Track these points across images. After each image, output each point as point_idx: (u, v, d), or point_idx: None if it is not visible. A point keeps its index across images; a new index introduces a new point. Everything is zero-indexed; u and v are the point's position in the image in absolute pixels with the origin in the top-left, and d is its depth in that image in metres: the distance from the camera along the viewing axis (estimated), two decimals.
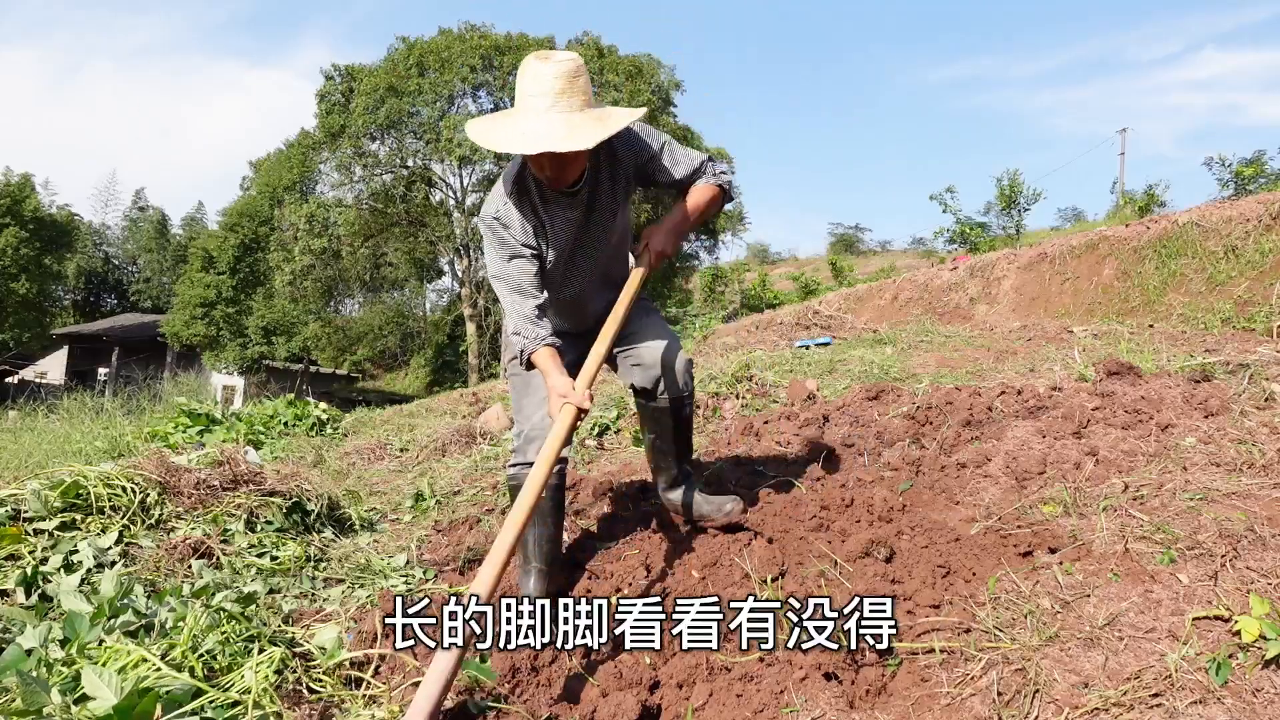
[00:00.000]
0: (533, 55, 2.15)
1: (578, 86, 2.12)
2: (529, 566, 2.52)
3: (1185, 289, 7.05)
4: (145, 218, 51.77)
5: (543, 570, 2.51)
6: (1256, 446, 2.29)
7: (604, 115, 2.16)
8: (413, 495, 4.05)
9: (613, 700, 1.87)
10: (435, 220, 24.81)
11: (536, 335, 2.28)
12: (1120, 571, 1.85)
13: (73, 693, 1.61)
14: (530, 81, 2.11)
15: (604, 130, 2.09)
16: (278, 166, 29.33)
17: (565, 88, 2.09)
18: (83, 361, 33.23)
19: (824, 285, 28.66)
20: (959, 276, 10.55)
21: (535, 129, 2.08)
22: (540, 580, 2.50)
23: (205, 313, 30.63)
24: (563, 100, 2.09)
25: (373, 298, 31.65)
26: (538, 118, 2.09)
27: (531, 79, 2.11)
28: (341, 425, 7.87)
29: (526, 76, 2.13)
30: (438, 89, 22.72)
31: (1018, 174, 19.94)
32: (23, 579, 2.38)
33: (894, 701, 1.72)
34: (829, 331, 8.68)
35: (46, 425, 7.76)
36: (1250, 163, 16.61)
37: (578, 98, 2.12)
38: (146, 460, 3.32)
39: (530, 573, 2.51)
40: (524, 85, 2.13)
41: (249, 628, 2.03)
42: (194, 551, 2.79)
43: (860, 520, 2.46)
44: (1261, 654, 1.52)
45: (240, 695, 1.74)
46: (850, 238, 53.96)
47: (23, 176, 30.35)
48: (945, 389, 3.74)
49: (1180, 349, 4.54)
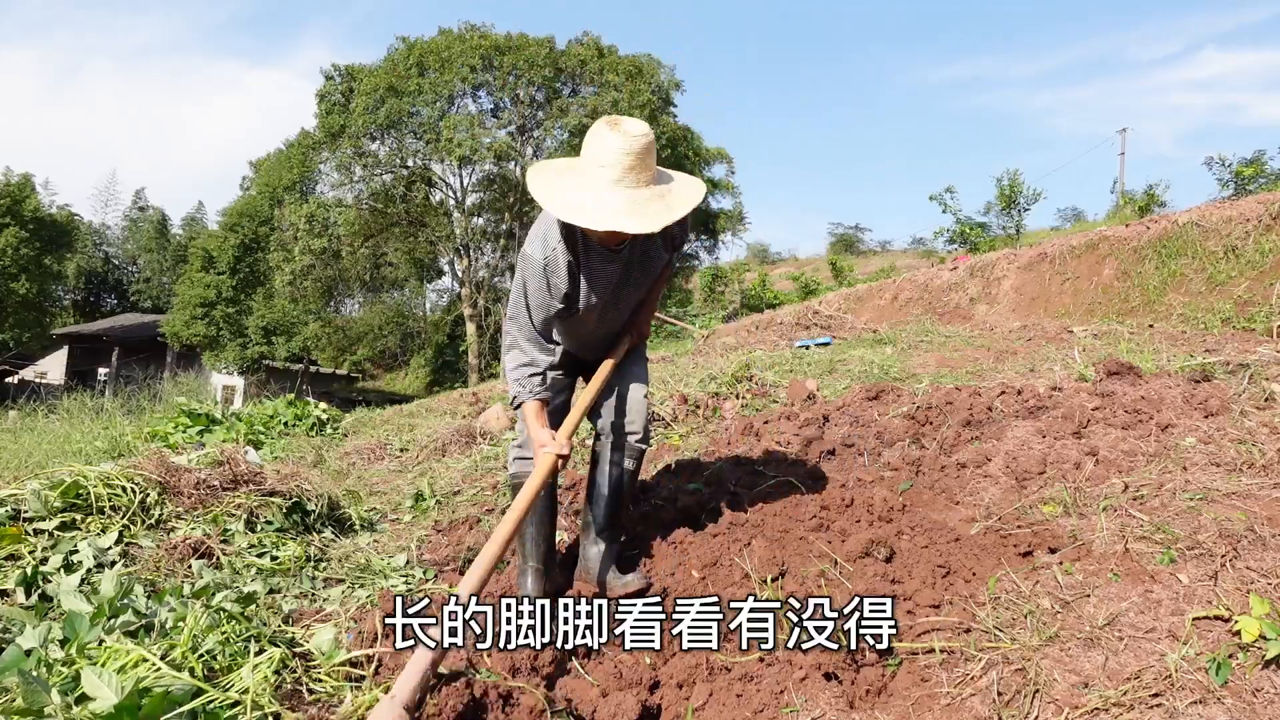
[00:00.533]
0: (604, 122, 2.14)
1: (647, 163, 2.12)
2: (526, 566, 2.53)
3: (1185, 289, 7.05)
4: (145, 218, 51.74)
5: (539, 570, 2.52)
6: (1256, 446, 2.29)
7: (667, 194, 2.16)
8: (413, 495, 4.05)
9: (613, 700, 1.87)
10: (435, 220, 24.81)
11: (530, 389, 2.36)
12: (1120, 571, 1.85)
13: (72, 693, 1.61)
14: (600, 150, 2.10)
15: (670, 216, 2.11)
16: (278, 166, 29.34)
17: (635, 164, 2.09)
18: (83, 361, 33.22)
19: (824, 285, 28.64)
20: (959, 276, 10.55)
21: (602, 203, 2.08)
22: (538, 580, 2.51)
23: (205, 313, 30.63)
24: (630, 176, 2.09)
25: (373, 298, 31.65)
26: (606, 191, 2.09)
27: (600, 147, 2.10)
28: (341, 425, 7.87)
29: (595, 144, 2.12)
30: (438, 89, 22.73)
31: (1018, 174, 19.93)
32: (23, 579, 2.38)
33: (894, 701, 1.72)
34: (829, 331, 8.68)
35: (46, 425, 7.76)
36: (1250, 163, 16.61)
37: (645, 174, 2.12)
38: (146, 460, 3.32)
39: (527, 572, 2.53)
40: (593, 153, 2.12)
41: (249, 628, 2.03)
42: (194, 551, 2.79)
43: (860, 520, 2.46)
44: (1261, 654, 1.52)
45: (240, 695, 1.74)
46: (850, 238, 53.92)
47: (23, 176, 30.34)
48: (945, 389, 3.74)
49: (1180, 349, 4.54)
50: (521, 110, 23.60)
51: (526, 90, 23.39)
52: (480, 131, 22.40)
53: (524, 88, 23.41)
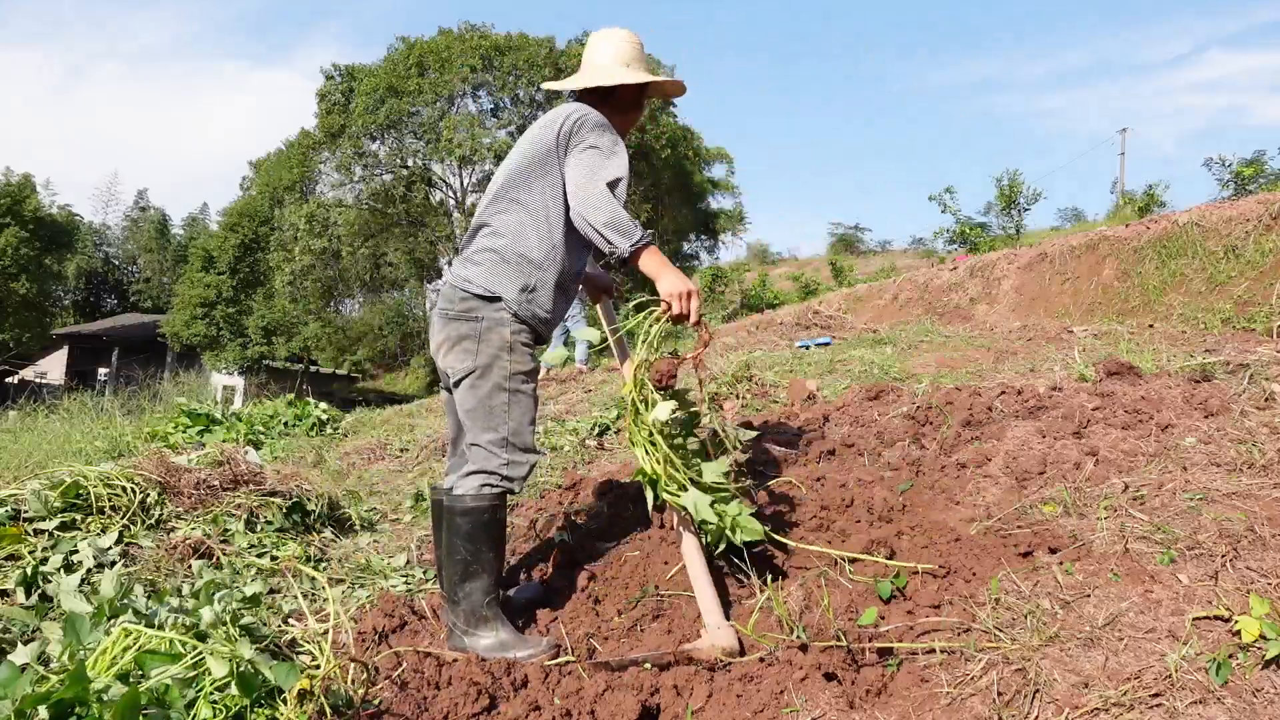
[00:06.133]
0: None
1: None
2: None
3: (1185, 289, 7.05)
4: (146, 218, 51.74)
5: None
6: (1256, 446, 2.29)
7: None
8: (413, 495, 4.05)
9: (613, 700, 1.87)
10: (435, 220, 24.83)
11: (646, 233, 2.13)
12: (1120, 571, 1.85)
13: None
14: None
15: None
16: (278, 166, 29.35)
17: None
18: (83, 361, 33.22)
19: (824, 285, 28.63)
20: (959, 276, 10.55)
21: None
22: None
23: (205, 313, 30.65)
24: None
25: (373, 298, 31.66)
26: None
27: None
28: (341, 425, 7.86)
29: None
30: (438, 89, 22.75)
31: (1017, 174, 19.96)
32: (23, 579, 2.38)
33: (894, 701, 1.72)
34: (829, 331, 8.68)
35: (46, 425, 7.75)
36: (1250, 163, 16.62)
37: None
38: (146, 460, 3.32)
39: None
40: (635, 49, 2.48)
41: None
42: (194, 551, 2.79)
43: (860, 520, 2.46)
44: (1261, 654, 1.52)
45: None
46: (850, 238, 53.86)
47: (23, 176, 30.38)
48: (945, 389, 3.74)
49: (1180, 349, 4.54)
50: (521, 110, 23.61)
51: (526, 90, 23.39)
52: (480, 131, 22.42)
53: (524, 88, 23.41)
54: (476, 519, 2.21)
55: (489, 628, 2.20)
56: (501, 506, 2.27)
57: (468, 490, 2.22)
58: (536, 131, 2.32)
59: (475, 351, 2.23)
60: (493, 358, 2.23)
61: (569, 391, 6.77)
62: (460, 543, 2.21)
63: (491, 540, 2.23)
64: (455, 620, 2.24)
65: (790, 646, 1.90)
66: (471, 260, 2.29)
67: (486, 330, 2.22)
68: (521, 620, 2.46)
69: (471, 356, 2.23)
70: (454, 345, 2.26)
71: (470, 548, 2.21)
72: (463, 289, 2.26)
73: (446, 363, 2.29)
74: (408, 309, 36.16)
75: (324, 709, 1.63)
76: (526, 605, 2.55)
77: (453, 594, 2.25)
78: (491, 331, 2.23)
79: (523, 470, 2.27)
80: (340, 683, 1.80)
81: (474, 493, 2.22)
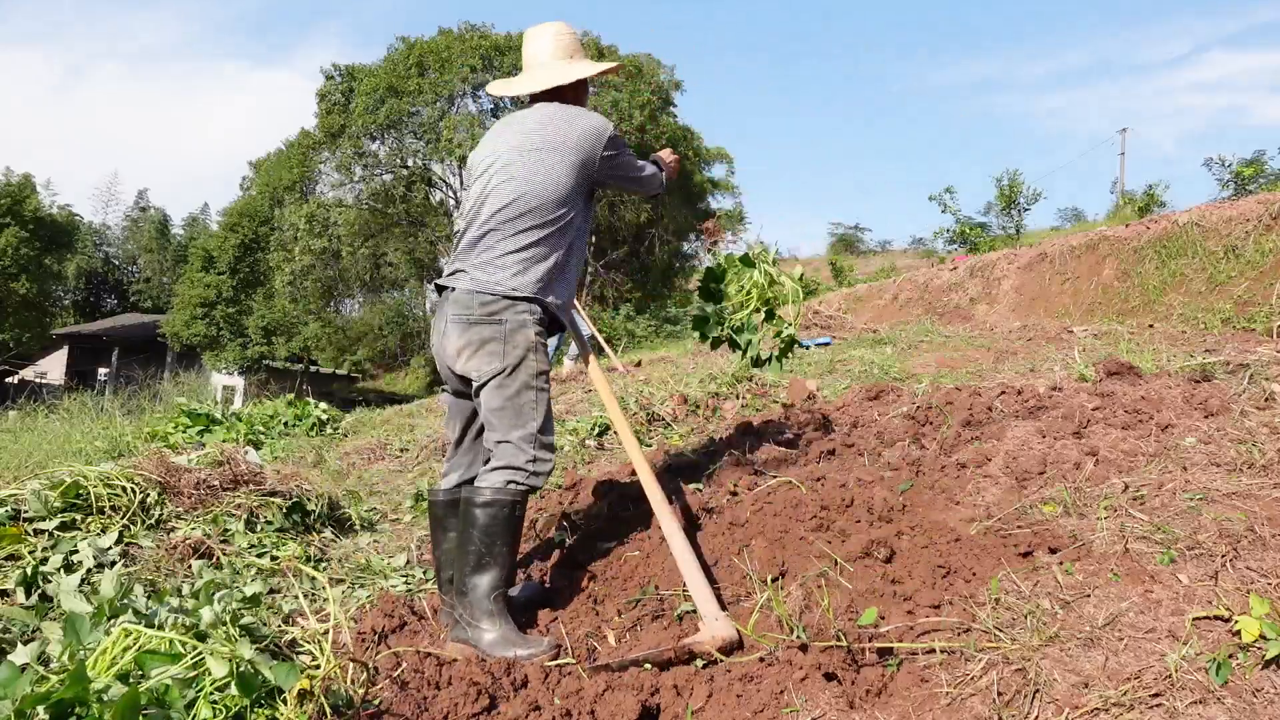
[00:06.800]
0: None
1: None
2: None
3: (1185, 289, 7.05)
4: (146, 218, 51.73)
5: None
6: (1256, 446, 2.29)
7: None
8: (413, 495, 4.05)
9: (613, 700, 1.87)
10: (435, 220, 24.83)
11: (659, 171, 2.73)
12: (1120, 571, 1.85)
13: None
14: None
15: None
16: (278, 166, 29.35)
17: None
18: (83, 361, 33.21)
19: (824, 285, 28.60)
20: (959, 276, 10.55)
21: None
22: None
23: (205, 313, 30.66)
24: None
25: (373, 298, 31.66)
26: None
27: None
28: (341, 425, 7.86)
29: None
30: (438, 89, 22.76)
31: (1017, 174, 19.98)
32: (23, 579, 2.38)
33: (894, 701, 1.72)
34: (829, 331, 8.68)
35: (47, 425, 7.74)
36: (1250, 163, 16.63)
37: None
38: (146, 460, 3.32)
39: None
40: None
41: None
42: (194, 551, 2.79)
43: (860, 520, 2.46)
44: (1261, 654, 1.52)
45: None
46: (850, 238, 53.86)
47: (23, 176, 30.39)
48: (945, 389, 3.74)
49: (1180, 349, 4.54)
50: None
51: None
52: (480, 132, 22.42)
53: None
54: (496, 513, 2.25)
55: (492, 622, 2.22)
56: (522, 504, 2.31)
57: (492, 484, 2.26)
58: (557, 150, 2.39)
59: (502, 353, 2.28)
60: (520, 358, 2.29)
61: (569, 391, 6.77)
62: (476, 534, 2.25)
63: (508, 536, 2.27)
64: (461, 612, 2.27)
65: (790, 646, 1.89)
66: (491, 265, 2.33)
67: (511, 332, 2.29)
68: (521, 620, 2.46)
69: (499, 358, 2.28)
70: (478, 349, 2.30)
71: (485, 540, 2.24)
72: (484, 292, 2.30)
73: (469, 366, 2.32)
74: (408, 309, 36.15)
75: (324, 709, 1.63)
76: (525, 604, 2.55)
77: (461, 585, 2.27)
78: (517, 333, 2.29)
79: (547, 467, 2.32)
80: (340, 683, 1.80)
81: (498, 487, 2.26)
